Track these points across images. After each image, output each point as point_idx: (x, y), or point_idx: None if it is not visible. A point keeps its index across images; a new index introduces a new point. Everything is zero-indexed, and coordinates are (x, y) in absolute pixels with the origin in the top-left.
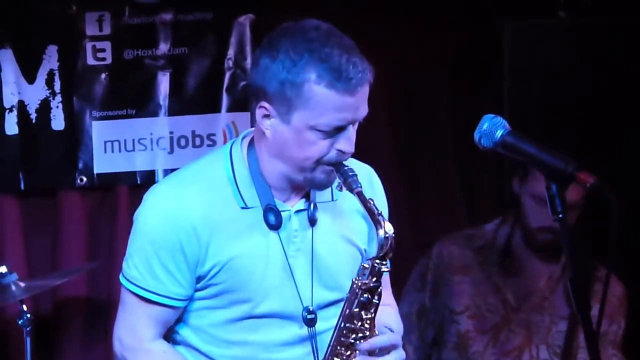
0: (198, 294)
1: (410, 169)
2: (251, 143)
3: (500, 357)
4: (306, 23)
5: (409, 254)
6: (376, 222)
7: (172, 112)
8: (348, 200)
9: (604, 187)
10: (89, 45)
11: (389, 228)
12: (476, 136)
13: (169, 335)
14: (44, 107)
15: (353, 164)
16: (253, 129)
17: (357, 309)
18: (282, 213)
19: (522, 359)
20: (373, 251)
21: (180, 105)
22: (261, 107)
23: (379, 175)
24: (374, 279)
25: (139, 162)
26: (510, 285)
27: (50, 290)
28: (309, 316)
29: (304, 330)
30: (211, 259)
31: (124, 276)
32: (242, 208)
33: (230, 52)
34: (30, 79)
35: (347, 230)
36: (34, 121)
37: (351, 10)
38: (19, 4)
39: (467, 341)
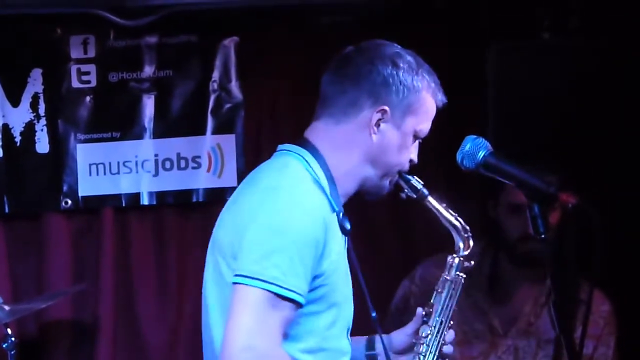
0: (307, 297)
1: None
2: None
3: None
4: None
5: (396, 274)
6: (458, 230)
7: (157, 134)
8: None
9: (586, 207)
10: (73, 68)
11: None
12: (459, 157)
13: None
14: (29, 130)
15: None
16: (288, 145)
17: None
18: None
19: None
20: None
21: (165, 128)
22: (380, 110)
23: None
24: (459, 274)
25: (124, 185)
26: (496, 311)
27: (35, 314)
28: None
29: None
30: (327, 257)
31: (256, 278)
32: (332, 211)
33: (215, 75)
34: (15, 102)
35: None
36: (18, 144)
37: (336, 32)
38: (4, 27)
39: None
